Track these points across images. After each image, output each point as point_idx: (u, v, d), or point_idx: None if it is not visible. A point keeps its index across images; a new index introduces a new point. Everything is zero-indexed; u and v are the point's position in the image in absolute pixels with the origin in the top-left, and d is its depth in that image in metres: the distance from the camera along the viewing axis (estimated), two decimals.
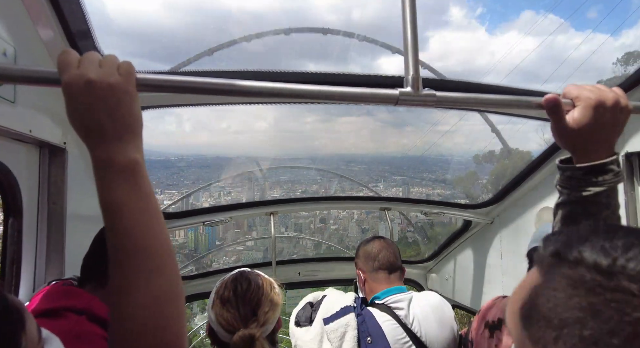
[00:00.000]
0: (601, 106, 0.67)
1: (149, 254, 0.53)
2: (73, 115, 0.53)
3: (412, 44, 0.64)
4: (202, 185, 11.97)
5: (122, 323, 0.52)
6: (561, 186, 0.74)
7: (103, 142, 0.52)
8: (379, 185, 21.26)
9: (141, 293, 0.52)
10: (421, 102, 0.64)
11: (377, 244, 1.66)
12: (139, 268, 0.52)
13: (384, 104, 0.63)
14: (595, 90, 0.69)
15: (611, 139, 0.70)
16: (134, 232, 0.52)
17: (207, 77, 0.57)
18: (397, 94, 0.63)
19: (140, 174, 0.54)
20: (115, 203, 0.52)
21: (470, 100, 0.67)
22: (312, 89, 0.59)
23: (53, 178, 1.31)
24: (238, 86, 0.56)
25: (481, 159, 14.13)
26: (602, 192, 0.69)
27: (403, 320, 1.42)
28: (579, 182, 0.70)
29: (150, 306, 0.52)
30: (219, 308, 1.06)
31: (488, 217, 2.62)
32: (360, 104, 0.62)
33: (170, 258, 0.56)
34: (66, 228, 1.32)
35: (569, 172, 0.71)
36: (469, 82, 1.30)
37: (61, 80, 0.52)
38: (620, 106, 0.68)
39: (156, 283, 0.53)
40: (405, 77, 0.65)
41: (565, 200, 0.73)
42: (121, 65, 0.54)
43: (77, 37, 1.17)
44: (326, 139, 66.18)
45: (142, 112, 0.57)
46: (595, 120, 0.68)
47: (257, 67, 1.36)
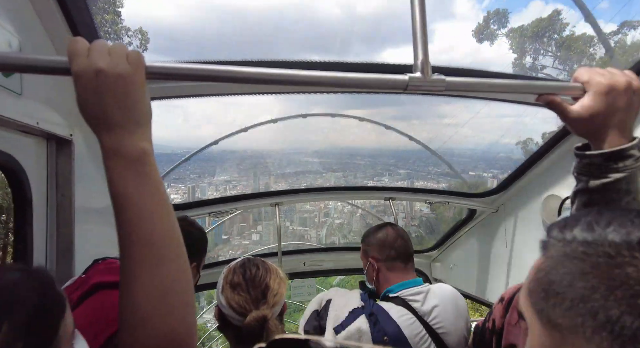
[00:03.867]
0: (613, 91, 0.66)
1: (156, 244, 0.53)
2: (83, 105, 0.53)
3: (421, 29, 0.63)
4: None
5: (129, 311, 0.53)
6: (579, 173, 0.73)
7: (112, 131, 0.53)
8: (384, 178, 21.21)
9: (148, 282, 0.52)
10: (431, 87, 0.63)
11: (391, 232, 1.59)
12: (145, 258, 0.52)
13: (393, 90, 0.62)
14: (606, 74, 0.67)
15: (628, 123, 0.69)
16: (142, 222, 0.52)
17: (212, 64, 0.56)
18: (406, 79, 0.62)
19: (148, 163, 0.54)
20: (123, 193, 0.52)
21: (479, 85, 0.66)
22: (319, 74, 0.59)
23: (61, 170, 1.32)
24: (244, 73, 0.56)
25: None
26: (622, 178, 0.68)
27: (420, 313, 1.38)
28: (598, 168, 0.69)
29: (156, 295, 0.52)
30: (230, 292, 1.08)
31: (493, 206, 2.61)
32: (368, 91, 0.62)
33: (178, 248, 0.56)
34: (75, 219, 1.34)
35: (588, 159, 0.70)
36: (478, 70, 1.29)
37: (71, 69, 0.52)
38: (634, 89, 0.67)
39: (163, 273, 0.53)
40: (414, 63, 0.64)
41: (584, 188, 0.72)
42: (130, 54, 0.54)
43: (81, 28, 1.17)
44: (331, 131, 65.85)
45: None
46: (607, 105, 0.66)
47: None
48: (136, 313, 0.52)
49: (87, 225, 1.43)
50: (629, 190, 0.68)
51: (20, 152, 1.14)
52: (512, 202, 2.52)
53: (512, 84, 0.69)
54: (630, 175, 0.68)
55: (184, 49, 68.66)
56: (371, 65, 1.24)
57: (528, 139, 16.29)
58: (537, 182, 2.24)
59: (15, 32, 1.01)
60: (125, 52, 0.53)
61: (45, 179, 1.28)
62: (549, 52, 15.03)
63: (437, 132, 13.01)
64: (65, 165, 1.33)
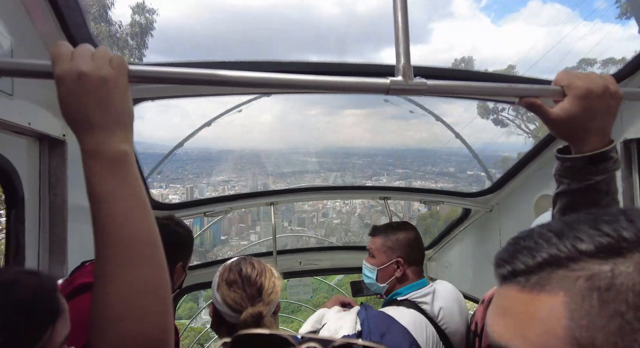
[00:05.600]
0: (591, 94, 0.67)
1: (131, 244, 0.53)
2: (65, 107, 0.54)
3: (403, 33, 0.64)
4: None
5: (101, 311, 0.52)
6: (560, 176, 0.74)
7: (92, 133, 0.53)
8: (382, 178, 21.21)
9: (121, 282, 0.52)
10: (412, 90, 0.65)
11: (416, 233, 1.55)
12: (119, 258, 0.53)
13: (376, 93, 0.63)
14: (585, 78, 0.68)
15: (606, 126, 0.70)
16: (116, 222, 0.53)
17: (196, 67, 0.57)
18: (388, 82, 0.63)
19: (127, 166, 0.55)
20: (100, 193, 0.53)
21: (460, 88, 0.67)
22: (303, 78, 0.60)
23: (53, 170, 1.32)
24: (227, 77, 0.57)
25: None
26: (602, 179, 0.69)
27: (430, 315, 1.37)
28: (580, 171, 0.70)
29: (129, 296, 0.52)
30: (226, 289, 1.10)
31: (487, 205, 2.63)
32: (352, 94, 0.63)
33: (154, 248, 0.56)
34: (68, 219, 1.34)
35: (569, 162, 0.71)
36: (461, 71, 1.30)
37: (54, 72, 0.52)
38: (610, 92, 0.68)
39: (137, 274, 0.53)
40: (396, 66, 0.65)
41: (565, 190, 0.73)
42: (113, 58, 0.55)
43: (73, 28, 1.17)
44: (330, 131, 65.71)
45: (141, 104, 0.58)
46: (586, 109, 0.68)
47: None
48: (108, 313, 0.52)
49: (80, 225, 1.43)
50: (608, 190, 0.70)
51: (13, 152, 1.14)
52: (506, 202, 2.53)
53: (493, 87, 0.70)
54: (610, 176, 0.70)
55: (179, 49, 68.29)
56: (357, 66, 1.25)
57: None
58: (530, 182, 2.26)
59: (8, 34, 1.02)
60: (109, 56, 0.54)
61: (38, 179, 1.29)
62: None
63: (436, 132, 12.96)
64: (58, 166, 1.33)
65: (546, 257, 0.36)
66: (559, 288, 0.34)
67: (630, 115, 1.64)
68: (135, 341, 0.52)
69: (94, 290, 0.53)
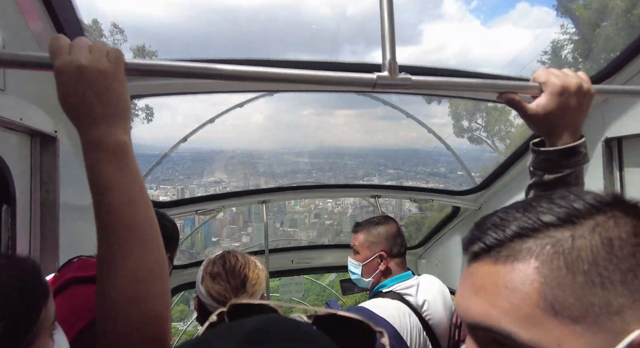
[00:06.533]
0: (566, 91, 0.71)
1: (135, 230, 0.56)
2: (64, 100, 0.56)
3: (389, 30, 0.67)
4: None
5: (108, 296, 0.55)
6: (535, 168, 0.78)
7: (93, 125, 0.55)
8: (374, 178, 21.27)
9: (130, 265, 0.55)
10: (398, 85, 0.67)
11: (397, 226, 1.59)
12: (125, 243, 0.55)
13: (362, 88, 0.66)
14: (561, 76, 0.72)
15: (578, 122, 0.74)
16: (121, 209, 0.55)
17: (191, 61, 0.59)
18: (374, 78, 0.66)
19: (128, 155, 0.57)
20: (103, 182, 0.55)
21: (444, 84, 0.70)
22: (292, 72, 0.62)
23: (45, 166, 1.33)
24: (218, 70, 0.59)
25: None
26: (571, 172, 0.74)
27: (415, 306, 1.40)
28: (553, 163, 0.74)
29: (138, 277, 0.55)
30: (210, 282, 1.12)
31: (476, 203, 2.68)
32: (340, 88, 0.65)
33: (156, 234, 0.59)
34: (59, 216, 1.34)
35: (544, 154, 0.75)
36: (444, 69, 1.34)
37: (53, 65, 0.54)
38: (584, 90, 0.72)
39: (142, 258, 0.56)
40: (382, 62, 0.68)
41: (538, 181, 0.78)
42: (110, 51, 0.57)
43: (65, 26, 1.18)
44: (322, 131, 65.69)
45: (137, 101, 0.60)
46: (560, 105, 0.72)
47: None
48: (120, 297, 0.55)
49: (72, 221, 1.44)
50: (577, 183, 0.75)
51: (4, 148, 1.14)
52: (494, 200, 2.58)
53: (474, 83, 0.73)
54: (578, 170, 0.74)
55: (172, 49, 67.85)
56: (345, 65, 1.27)
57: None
58: (517, 180, 2.31)
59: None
60: (106, 50, 0.56)
61: (29, 176, 1.29)
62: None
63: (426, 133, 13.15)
64: (50, 162, 1.34)
65: (515, 229, 0.39)
66: (529, 256, 0.38)
67: (612, 115, 1.70)
68: (143, 320, 0.55)
69: (100, 276, 0.56)
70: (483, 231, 0.42)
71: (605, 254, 0.36)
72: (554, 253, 0.37)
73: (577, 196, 0.40)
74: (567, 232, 0.37)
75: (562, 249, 0.37)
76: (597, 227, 0.37)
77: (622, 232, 0.37)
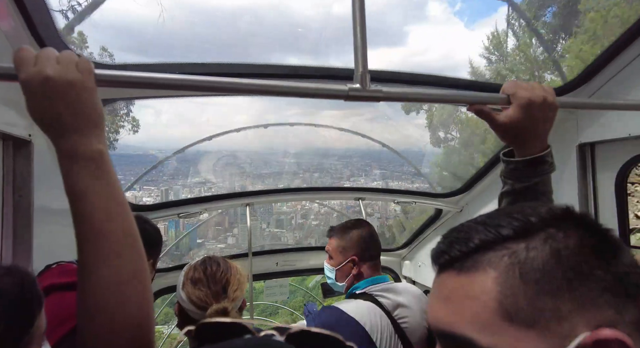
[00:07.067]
0: (532, 104, 0.74)
1: (110, 238, 0.55)
2: (33, 111, 0.55)
3: (361, 42, 0.68)
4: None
5: (86, 301, 0.55)
6: (505, 177, 0.82)
7: (65, 135, 0.55)
8: (360, 179, 21.34)
9: (105, 272, 0.55)
10: (369, 97, 0.69)
11: (370, 230, 1.59)
12: (99, 252, 0.55)
13: (334, 98, 0.67)
14: (528, 89, 0.75)
15: (543, 133, 0.78)
16: (96, 217, 0.55)
17: (162, 72, 0.59)
18: (346, 89, 0.67)
19: (103, 163, 0.57)
20: (79, 191, 0.55)
21: (414, 95, 0.72)
22: (262, 83, 0.62)
23: (19, 171, 1.29)
24: (188, 81, 0.59)
25: None
26: (539, 181, 0.77)
27: (387, 308, 1.40)
28: (521, 173, 0.78)
29: (113, 284, 0.55)
30: (191, 288, 1.12)
31: (457, 206, 2.73)
32: (311, 98, 0.66)
33: (134, 243, 0.59)
34: (34, 221, 1.31)
35: (513, 164, 0.79)
36: (417, 74, 1.35)
37: (18, 77, 0.53)
38: (548, 103, 0.75)
39: (119, 263, 0.56)
40: (355, 74, 0.69)
41: (509, 190, 0.81)
42: (79, 62, 0.56)
43: (40, 28, 1.15)
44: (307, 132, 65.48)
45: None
46: (527, 117, 0.75)
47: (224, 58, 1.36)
48: (95, 302, 0.55)
49: (47, 226, 1.40)
50: (544, 191, 0.78)
51: None
52: (475, 202, 2.64)
53: (445, 94, 0.75)
54: (546, 178, 0.77)
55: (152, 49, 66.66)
56: (318, 69, 1.28)
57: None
58: (497, 183, 2.37)
59: None
60: (75, 60, 0.55)
61: (1, 181, 1.25)
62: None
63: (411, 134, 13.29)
64: (24, 167, 1.30)
65: (477, 243, 0.42)
66: (488, 267, 0.40)
67: (585, 121, 1.76)
68: (122, 326, 0.55)
69: (79, 281, 0.56)
70: (448, 244, 0.45)
71: (554, 264, 0.38)
72: (510, 264, 0.40)
73: (533, 210, 0.43)
74: (523, 244, 0.40)
75: (517, 260, 0.39)
76: (548, 238, 0.40)
77: (569, 242, 0.39)
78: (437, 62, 64.61)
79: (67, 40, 1.25)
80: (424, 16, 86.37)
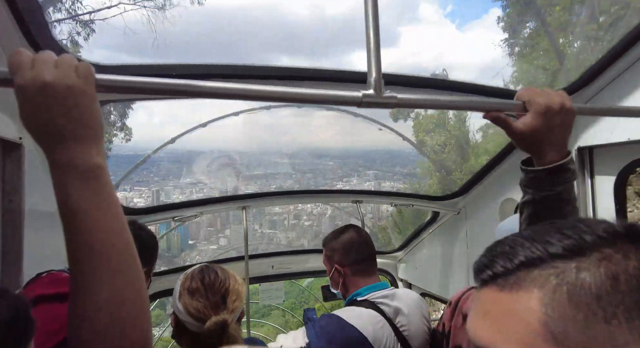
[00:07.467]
0: (549, 110, 0.72)
1: (108, 256, 0.52)
2: (28, 118, 0.51)
3: (375, 47, 0.65)
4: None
5: (81, 324, 0.52)
6: (525, 186, 0.79)
7: (61, 146, 0.51)
8: (353, 179, 21.35)
9: (103, 294, 0.52)
10: (383, 104, 0.66)
11: (355, 235, 1.58)
12: (98, 269, 0.52)
13: (348, 105, 0.64)
14: (544, 95, 0.74)
15: (563, 140, 0.76)
16: (94, 235, 0.51)
17: (167, 77, 0.56)
18: (360, 96, 0.64)
19: (102, 178, 0.53)
20: (74, 207, 0.51)
21: (430, 102, 0.70)
22: (274, 89, 0.60)
23: (9, 175, 1.24)
24: (196, 87, 0.56)
25: None
26: (563, 189, 0.75)
27: (388, 315, 1.39)
28: (542, 182, 0.75)
29: (112, 306, 0.52)
30: (188, 298, 1.07)
31: (455, 209, 2.72)
32: (324, 105, 0.63)
33: (131, 259, 0.55)
34: (24, 227, 1.26)
35: (532, 173, 0.76)
36: (430, 79, 1.32)
37: (14, 82, 0.49)
38: (566, 108, 0.74)
39: (115, 285, 0.52)
40: (368, 80, 0.67)
41: (530, 199, 0.78)
42: (79, 66, 0.52)
43: (35, 31, 1.10)
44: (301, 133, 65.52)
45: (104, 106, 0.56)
46: (545, 123, 0.73)
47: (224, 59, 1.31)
48: (92, 326, 0.51)
49: (38, 232, 1.35)
50: (569, 199, 0.76)
51: None
52: (472, 205, 2.63)
53: (460, 101, 0.73)
54: (569, 186, 0.75)
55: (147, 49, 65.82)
56: (330, 72, 1.24)
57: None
58: (495, 186, 2.37)
59: None
60: (74, 64, 0.52)
61: None
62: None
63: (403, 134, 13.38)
64: (14, 171, 1.25)
65: (522, 260, 0.40)
66: (533, 286, 0.38)
67: (583, 124, 1.77)
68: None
69: (72, 302, 0.53)
70: (492, 259, 0.43)
71: (609, 288, 0.35)
72: (557, 284, 0.37)
73: (588, 226, 0.40)
74: (573, 263, 0.37)
75: (565, 281, 0.37)
76: (603, 259, 0.37)
77: (629, 266, 0.36)
78: (428, 63, 64.93)
79: (63, 45, 1.20)
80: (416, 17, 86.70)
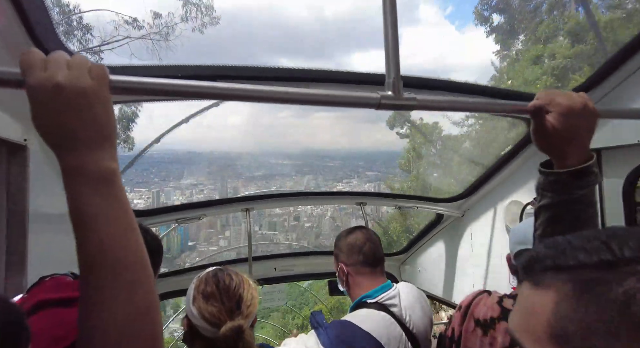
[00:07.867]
0: (572, 111, 0.71)
1: (125, 267, 0.50)
2: (39, 122, 0.49)
3: (393, 48, 0.64)
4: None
5: (95, 338, 0.49)
6: (543, 189, 0.76)
7: (74, 150, 0.49)
8: (353, 180, 21.39)
9: (116, 307, 0.49)
10: (402, 105, 0.65)
11: (360, 235, 1.59)
12: (111, 283, 0.49)
13: (366, 107, 0.62)
14: (565, 96, 0.72)
15: (586, 142, 0.74)
16: (109, 245, 0.49)
17: (183, 79, 0.54)
18: (378, 97, 0.63)
19: (116, 184, 0.51)
20: (88, 215, 0.49)
21: (450, 103, 0.68)
22: (291, 91, 0.58)
23: (13, 177, 1.23)
24: (214, 88, 0.54)
25: None
26: (585, 193, 0.73)
27: (398, 315, 1.40)
28: (565, 185, 0.73)
29: (125, 320, 0.49)
30: (202, 303, 1.05)
31: (459, 211, 2.70)
32: (342, 107, 0.62)
33: (147, 269, 0.53)
34: (29, 230, 1.25)
35: (554, 176, 0.74)
36: (445, 81, 1.30)
37: (25, 83, 0.48)
38: (589, 110, 0.72)
39: (130, 297, 0.50)
40: (386, 81, 0.65)
41: (549, 203, 0.76)
42: (93, 67, 0.50)
43: (41, 35, 1.09)
44: (300, 134, 65.52)
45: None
46: (569, 125, 0.71)
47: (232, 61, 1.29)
48: (103, 340, 0.49)
49: (43, 236, 1.34)
50: (590, 203, 0.74)
51: None
52: (477, 207, 2.62)
53: (479, 103, 0.72)
54: (591, 189, 0.73)
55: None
56: (346, 74, 1.20)
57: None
58: (500, 188, 2.35)
59: None
60: (87, 65, 0.50)
61: None
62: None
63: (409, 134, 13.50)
64: (19, 173, 1.24)
65: (550, 264, 0.43)
66: (554, 286, 0.41)
67: None
68: None
69: (83, 316, 0.50)
70: (535, 257, 0.45)
71: (621, 306, 0.36)
72: (572, 289, 0.39)
73: (637, 241, 0.40)
74: (597, 274, 0.39)
75: (582, 288, 0.39)
76: (630, 277, 0.37)
77: None
78: (429, 64, 64.94)
79: (70, 48, 1.19)
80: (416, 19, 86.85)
